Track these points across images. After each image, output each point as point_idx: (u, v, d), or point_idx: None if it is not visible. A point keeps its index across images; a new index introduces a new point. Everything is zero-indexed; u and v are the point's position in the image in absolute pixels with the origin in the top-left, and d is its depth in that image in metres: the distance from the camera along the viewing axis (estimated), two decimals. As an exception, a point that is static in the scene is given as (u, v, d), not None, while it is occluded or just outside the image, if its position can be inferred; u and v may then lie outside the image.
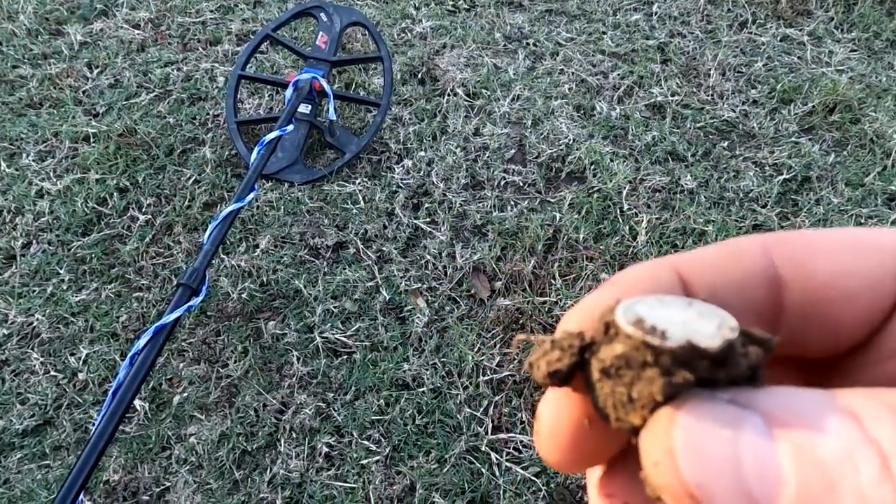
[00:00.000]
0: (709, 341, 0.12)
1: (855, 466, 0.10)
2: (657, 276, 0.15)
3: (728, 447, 0.11)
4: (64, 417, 1.11)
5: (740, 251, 0.16)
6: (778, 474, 0.11)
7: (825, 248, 0.15)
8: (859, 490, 0.10)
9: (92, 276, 1.29)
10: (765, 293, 0.15)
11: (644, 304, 0.13)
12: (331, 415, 1.12)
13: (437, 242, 1.35)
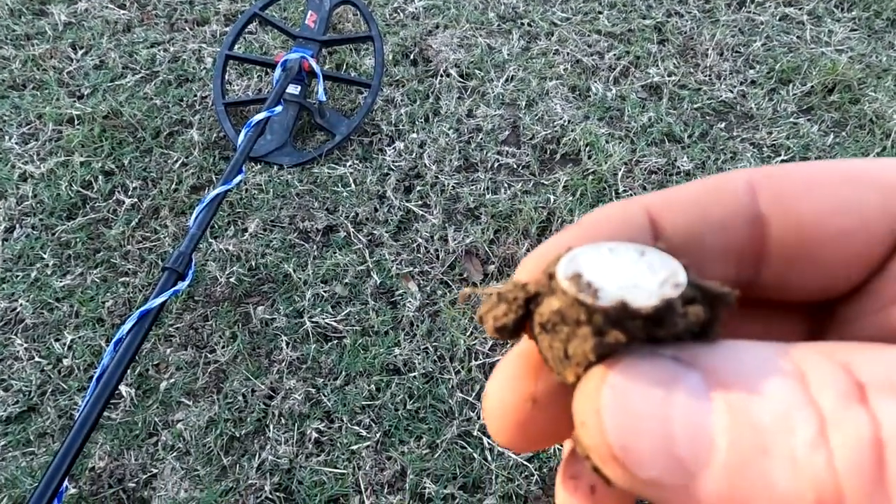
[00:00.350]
0: (644, 300, 0.11)
1: (791, 430, 0.09)
2: (626, 217, 0.14)
3: (658, 407, 0.10)
4: (48, 404, 1.09)
5: (721, 189, 0.14)
6: (709, 438, 0.10)
7: (816, 184, 0.14)
8: (792, 456, 0.09)
9: (77, 260, 1.27)
10: (746, 234, 0.14)
11: (592, 254, 0.12)
12: (321, 400, 1.10)
13: (430, 226, 1.33)
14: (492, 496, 1.00)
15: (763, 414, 0.10)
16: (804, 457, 0.09)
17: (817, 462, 0.09)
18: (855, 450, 0.09)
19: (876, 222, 0.13)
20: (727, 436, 0.10)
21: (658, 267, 0.12)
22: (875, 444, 0.09)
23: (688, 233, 0.14)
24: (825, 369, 0.10)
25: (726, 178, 0.15)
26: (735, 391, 0.10)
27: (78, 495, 1.00)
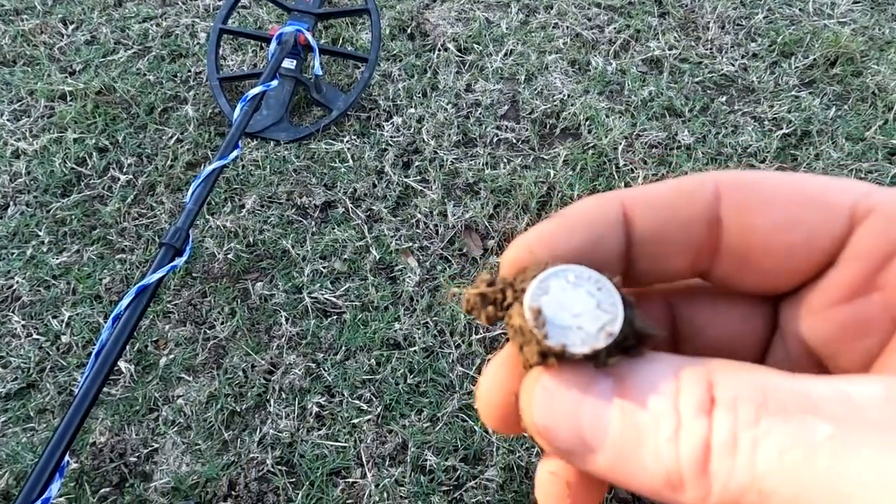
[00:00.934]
0: (579, 347, 0.14)
1: (657, 429, 0.13)
2: (603, 213, 0.17)
3: (573, 403, 0.14)
4: (48, 380, 1.09)
5: (690, 192, 0.16)
6: (605, 427, 0.14)
7: (773, 199, 0.16)
8: (656, 447, 0.13)
9: (73, 237, 1.26)
10: (706, 236, 0.16)
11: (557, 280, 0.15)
12: (321, 375, 1.10)
13: (429, 201, 1.31)
14: (493, 468, 1.01)
15: (643, 415, 0.13)
16: (662, 448, 0.13)
17: (669, 453, 0.13)
18: (692, 448, 0.12)
19: (818, 240, 0.15)
20: (618, 428, 0.13)
21: (605, 308, 0.15)
22: (705, 445, 0.12)
23: (654, 229, 0.17)
24: (694, 386, 0.13)
25: (697, 182, 0.16)
26: (628, 397, 0.14)
27: (79, 470, 1.00)
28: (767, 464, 0.12)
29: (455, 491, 1.00)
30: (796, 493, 0.12)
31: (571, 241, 0.16)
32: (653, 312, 0.19)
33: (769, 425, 0.12)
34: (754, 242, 0.16)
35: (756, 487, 0.12)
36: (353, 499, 0.99)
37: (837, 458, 0.11)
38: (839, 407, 0.12)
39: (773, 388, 0.13)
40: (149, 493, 0.98)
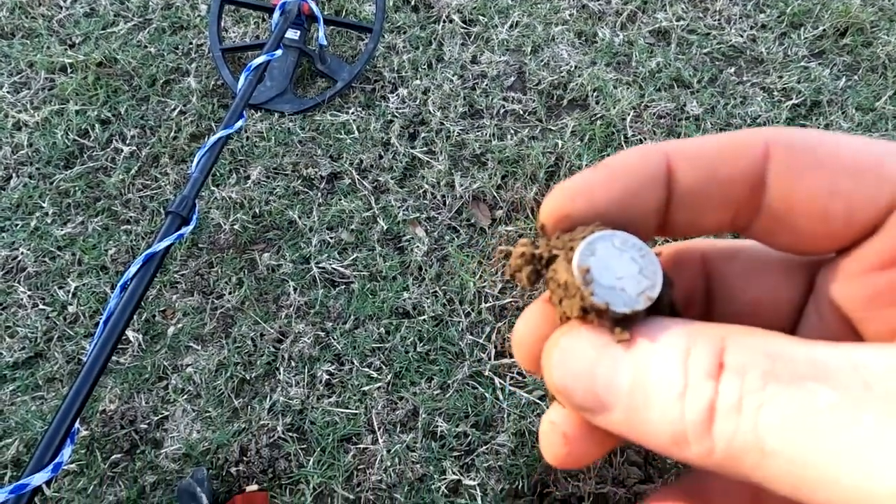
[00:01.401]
0: (620, 306, 0.15)
1: (665, 390, 0.13)
2: (645, 165, 0.16)
3: (588, 363, 0.15)
4: (55, 350, 1.08)
5: (737, 151, 0.16)
6: (618, 386, 0.14)
7: (822, 164, 0.15)
8: (663, 406, 0.13)
9: (77, 209, 1.24)
10: (748, 195, 0.16)
11: (601, 243, 0.16)
12: (330, 343, 1.10)
13: (436, 172, 1.30)
14: (504, 433, 1.01)
15: (652, 376, 0.14)
16: (669, 408, 0.13)
17: (675, 412, 0.13)
18: (697, 409, 0.13)
19: (863, 209, 0.15)
20: (628, 388, 0.14)
21: (646, 273, 0.15)
22: (710, 407, 0.13)
23: (696, 185, 0.16)
24: (705, 351, 0.13)
25: (746, 139, 0.16)
26: (640, 359, 0.14)
27: (90, 437, 0.99)
28: (770, 426, 0.12)
29: (466, 456, 1.00)
30: (795, 455, 0.12)
31: (611, 190, 0.17)
32: (690, 270, 0.19)
33: (775, 391, 0.12)
34: (796, 206, 0.16)
35: (758, 448, 0.12)
36: (365, 464, 0.99)
37: (838, 424, 0.12)
38: (846, 375, 0.12)
39: (783, 355, 0.13)
40: (160, 460, 0.98)
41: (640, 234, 0.17)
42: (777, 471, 0.12)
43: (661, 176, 0.16)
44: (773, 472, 0.12)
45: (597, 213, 0.16)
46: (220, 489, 0.95)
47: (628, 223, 0.17)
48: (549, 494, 0.90)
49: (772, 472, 0.12)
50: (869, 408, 0.12)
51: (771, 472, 0.12)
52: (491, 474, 0.98)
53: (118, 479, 0.97)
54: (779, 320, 0.18)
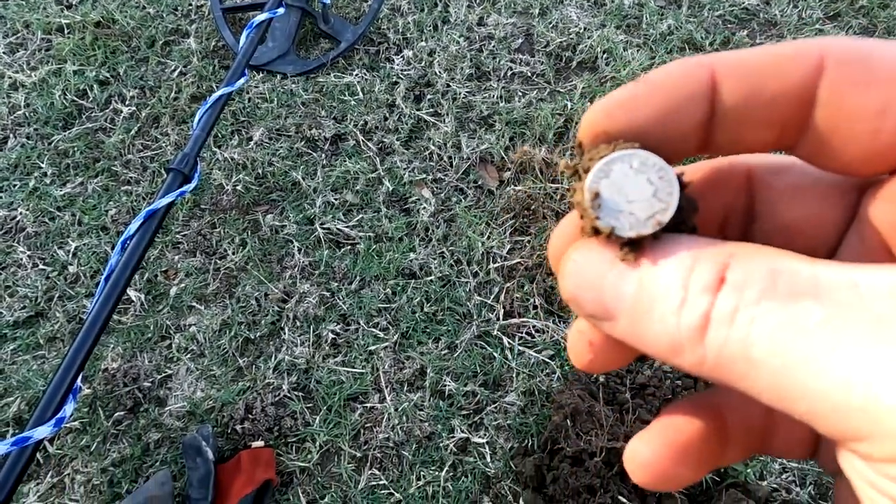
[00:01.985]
0: (627, 233, 0.15)
1: (666, 301, 0.14)
2: (687, 80, 0.16)
3: (598, 276, 0.16)
4: (56, 309, 1.06)
5: (787, 64, 0.15)
6: (624, 297, 0.15)
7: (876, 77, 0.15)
8: (663, 316, 0.14)
9: (76, 169, 1.22)
10: (795, 111, 0.15)
11: (618, 165, 0.16)
12: (336, 303, 1.08)
13: (442, 133, 1.28)
14: (513, 392, 0.99)
15: (655, 288, 0.14)
16: (667, 317, 0.14)
17: (672, 322, 0.14)
18: (693, 319, 0.13)
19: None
20: (633, 297, 0.15)
21: (660, 196, 0.15)
22: (705, 317, 0.13)
23: (741, 101, 0.16)
24: (708, 266, 0.14)
25: (798, 50, 0.15)
26: (646, 273, 0.15)
27: (93, 395, 0.98)
28: (759, 338, 0.12)
29: (475, 415, 0.98)
30: (779, 366, 0.12)
31: (651, 106, 0.16)
32: (732, 185, 0.19)
33: (769, 306, 0.13)
34: (845, 123, 0.15)
35: (745, 357, 0.13)
36: (372, 423, 0.97)
37: (824, 340, 0.12)
38: (843, 294, 0.12)
39: (786, 272, 0.13)
40: (164, 418, 0.97)
41: (680, 152, 0.16)
42: (762, 380, 0.13)
43: (704, 91, 0.16)
44: (758, 381, 0.13)
45: (635, 130, 0.16)
46: (225, 447, 0.94)
47: (668, 141, 0.16)
48: (560, 451, 0.89)
49: (757, 382, 0.13)
50: (856, 327, 0.12)
51: (756, 381, 0.13)
52: (500, 433, 0.96)
53: (122, 436, 0.96)
54: (819, 242, 0.18)
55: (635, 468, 0.17)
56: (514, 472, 0.93)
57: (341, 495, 0.92)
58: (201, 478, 0.85)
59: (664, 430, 0.18)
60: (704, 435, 0.17)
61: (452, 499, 0.92)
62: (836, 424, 0.12)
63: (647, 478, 0.17)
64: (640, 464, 0.17)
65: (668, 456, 0.17)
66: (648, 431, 0.18)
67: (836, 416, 0.12)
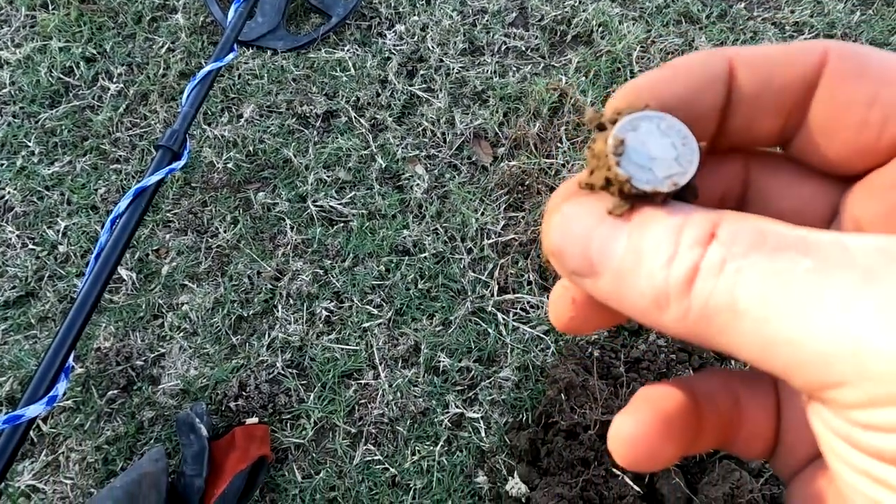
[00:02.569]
0: (643, 184, 0.15)
1: (654, 256, 0.14)
2: (708, 66, 0.17)
3: (586, 229, 0.15)
4: (47, 289, 1.05)
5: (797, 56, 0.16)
6: (612, 251, 0.15)
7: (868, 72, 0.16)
8: (651, 269, 0.14)
9: (64, 148, 1.20)
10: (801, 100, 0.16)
11: (648, 123, 0.16)
12: (329, 281, 1.07)
13: (435, 109, 1.26)
14: (508, 368, 0.99)
15: (645, 244, 0.14)
16: (655, 272, 0.14)
17: (661, 274, 0.14)
18: (682, 269, 0.13)
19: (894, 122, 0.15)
20: (622, 252, 0.14)
21: (681, 161, 0.15)
22: (694, 268, 0.13)
23: (755, 89, 0.17)
24: (699, 224, 0.14)
25: (806, 46, 0.16)
26: (637, 228, 0.14)
27: (85, 374, 0.97)
28: (746, 287, 0.13)
29: (469, 391, 0.98)
30: (767, 314, 0.12)
31: (675, 88, 0.17)
32: (730, 171, 0.19)
33: (757, 258, 0.13)
34: (837, 113, 0.16)
35: (730, 307, 0.13)
36: (367, 399, 0.97)
37: (811, 288, 0.12)
38: (831, 249, 0.13)
39: (774, 231, 0.13)
40: (157, 396, 0.96)
41: (699, 136, 0.17)
42: (745, 331, 0.13)
43: (723, 76, 0.17)
44: (741, 332, 0.13)
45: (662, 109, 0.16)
46: (219, 424, 0.94)
47: (687, 121, 0.16)
48: (555, 425, 0.89)
49: (740, 333, 0.13)
50: (843, 277, 0.12)
51: (739, 332, 0.13)
52: (494, 407, 0.96)
53: (115, 414, 0.95)
54: None
55: (619, 444, 0.17)
56: (509, 447, 0.93)
57: (336, 470, 0.93)
58: (195, 454, 0.85)
59: (647, 401, 0.18)
60: (686, 409, 0.17)
61: (447, 473, 0.92)
62: (817, 371, 0.12)
63: (632, 453, 0.17)
64: (625, 439, 0.17)
65: (655, 427, 0.17)
66: (631, 405, 0.18)
67: (819, 362, 0.12)
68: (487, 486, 0.91)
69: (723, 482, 0.81)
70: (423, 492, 0.91)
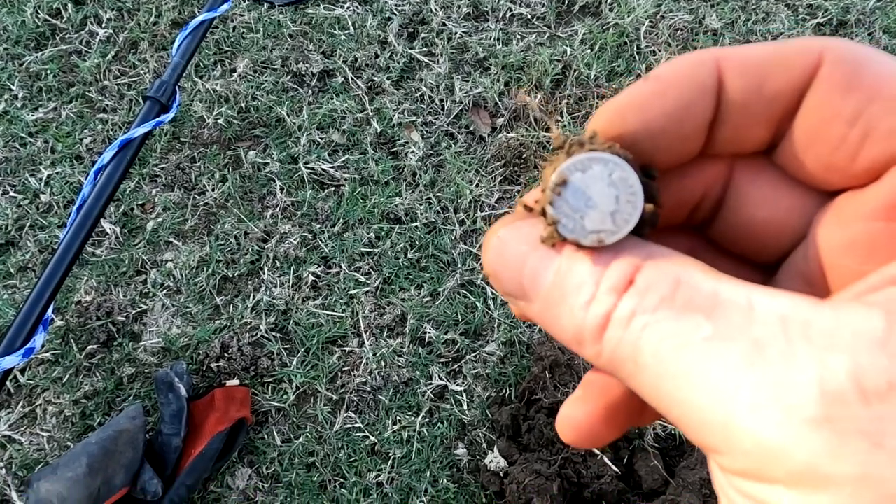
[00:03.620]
0: (567, 233, 0.15)
1: (577, 295, 0.15)
2: (698, 74, 0.16)
3: (519, 257, 0.16)
4: (28, 238, 1.03)
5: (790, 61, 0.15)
6: (541, 282, 0.15)
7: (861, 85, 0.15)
8: (572, 308, 0.15)
9: (49, 94, 1.16)
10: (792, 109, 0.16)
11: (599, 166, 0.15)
12: (318, 245, 1.05)
13: (435, 75, 1.22)
14: (494, 342, 0.98)
15: (570, 280, 0.15)
16: (575, 311, 0.15)
17: (580, 315, 0.14)
18: (596, 316, 0.14)
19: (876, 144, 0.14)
20: (550, 283, 0.15)
21: (616, 220, 0.15)
22: (606, 317, 0.14)
23: (745, 97, 0.16)
24: (621, 268, 0.14)
25: (800, 48, 0.15)
26: (565, 263, 0.15)
27: (65, 328, 0.96)
28: (647, 344, 0.13)
29: (454, 363, 0.98)
30: (660, 373, 0.13)
31: (665, 103, 0.16)
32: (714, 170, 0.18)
33: (663, 315, 0.13)
34: (820, 126, 0.15)
35: (633, 359, 0.13)
36: (350, 366, 0.97)
37: (702, 357, 0.12)
38: (735, 314, 0.13)
39: (689, 284, 0.13)
40: (138, 353, 0.95)
41: (686, 153, 0.17)
42: (645, 383, 0.13)
43: (713, 85, 0.16)
44: (642, 383, 0.13)
45: (649, 131, 0.16)
46: (199, 384, 0.93)
47: (678, 140, 0.16)
48: (537, 402, 0.88)
49: (641, 384, 0.13)
50: (734, 349, 0.12)
51: (640, 383, 0.13)
52: (478, 381, 0.96)
53: (95, 369, 0.94)
54: (774, 247, 0.18)
55: (566, 429, 0.19)
56: (490, 421, 0.93)
57: (316, 436, 0.92)
58: (174, 413, 0.84)
59: (592, 392, 0.18)
60: (628, 395, 0.18)
61: (427, 444, 0.92)
62: (702, 436, 0.13)
63: (576, 437, 0.18)
64: (572, 426, 0.18)
65: (599, 419, 0.18)
66: (578, 395, 0.19)
67: (702, 428, 0.12)
68: (467, 458, 0.91)
69: (700, 467, 0.81)
70: (402, 461, 0.91)
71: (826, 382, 0.11)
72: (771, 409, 0.11)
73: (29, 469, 0.87)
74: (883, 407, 0.11)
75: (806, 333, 0.12)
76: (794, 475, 0.11)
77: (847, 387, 0.11)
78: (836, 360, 0.11)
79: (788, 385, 0.11)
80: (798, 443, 0.11)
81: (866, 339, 0.11)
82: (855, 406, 0.11)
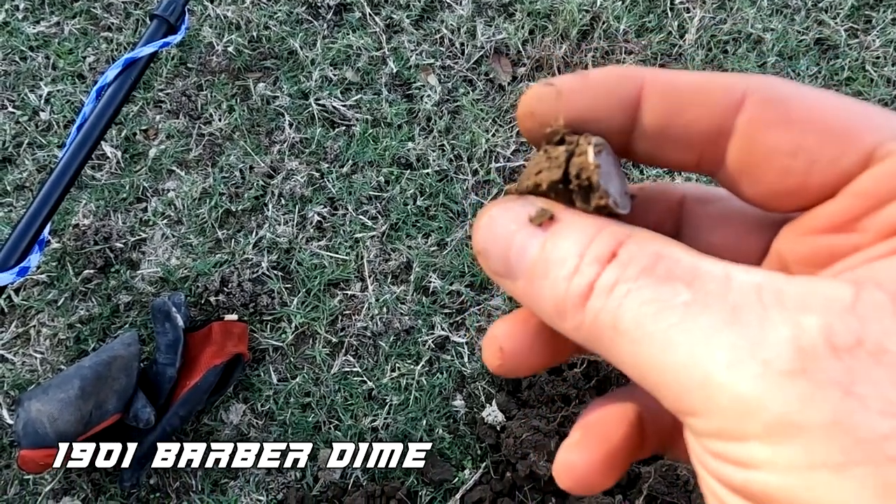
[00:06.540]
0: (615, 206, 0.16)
1: (560, 268, 0.15)
2: (619, 88, 0.17)
3: (509, 232, 0.16)
4: (25, 156, 0.99)
5: (712, 94, 0.16)
6: (527, 258, 0.16)
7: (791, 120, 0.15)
8: (555, 279, 0.15)
9: (51, 7, 1.10)
10: (712, 140, 0.16)
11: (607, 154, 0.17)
12: (325, 185, 1.02)
13: (457, 17, 1.16)
14: (499, 296, 0.96)
15: (554, 254, 0.15)
16: (558, 283, 0.15)
17: (563, 286, 0.15)
18: (579, 286, 0.15)
19: (824, 171, 0.15)
20: (536, 257, 0.16)
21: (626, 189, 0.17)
22: (590, 286, 0.14)
23: (660, 121, 0.17)
24: (604, 242, 0.15)
25: (725, 83, 0.16)
26: (551, 239, 0.16)
27: (62, 250, 0.93)
28: (627, 311, 0.14)
29: (457, 315, 0.96)
30: (638, 338, 0.13)
31: (582, 101, 0.17)
32: (665, 207, 0.20)
33: (645, 283, 0.14)
34: (759, 159, 0.16)
35: (613, 326, 0.14)
36: (352, 310, 0.95)
37: (679, 321, 0.13)
38: (714, 283, 0.13)
39: (669, 258, 0.14)
40: (135, 281, 0.93)
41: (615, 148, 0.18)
42: (624, 351, 0.14)
43: (631, 102, 0.17)
44: (621, 352, 0.14)
45: (567, 118, 0.17)
46: (197, 317, 0.91)
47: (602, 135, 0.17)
48: (540, 358, 0.87)
49: (620, 352, 0.14)
50: (711, 313, 0.13)
51: (619, 352, 0.14)
52: (480, 335, 0.94)
53: (91, 294, 0.92)
54: None
55: (564, 478, 0.18)
56: (490, 375, 0.91)
57: (313, 377, 0.91)
58: (169, 343, 0.82)
59: (592, 431, 0.18)
60: (628, 438, 0.18)
61: (425, 393, 0.91)
62: (678, 399, 0.13)
63: (574, 486, 0.18)
64: (570, 476, 0.18)
65: (598, 468, 0.18)
66: (576, 440, 0.18)
67: (678, 390, 0.13)
68: (464, 410, 0.90)
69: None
70: (399, 408, 0.90)
71: (799, 339, 0.12)
72: (748, 364, 0.12)
73: (21, 389, 0.86)
74: (853, 360, 0.11)
75: (780, 299, 0.12)
76: (768, 427, 0.12)
77: (819, 342, 0.12)
78: (809, 320, 0.12)
79: (764, 343, 0.12)
80: (773, 395, 0.12)
81: (836, 304, 0.12)
82: (827, 360, 0.12)
